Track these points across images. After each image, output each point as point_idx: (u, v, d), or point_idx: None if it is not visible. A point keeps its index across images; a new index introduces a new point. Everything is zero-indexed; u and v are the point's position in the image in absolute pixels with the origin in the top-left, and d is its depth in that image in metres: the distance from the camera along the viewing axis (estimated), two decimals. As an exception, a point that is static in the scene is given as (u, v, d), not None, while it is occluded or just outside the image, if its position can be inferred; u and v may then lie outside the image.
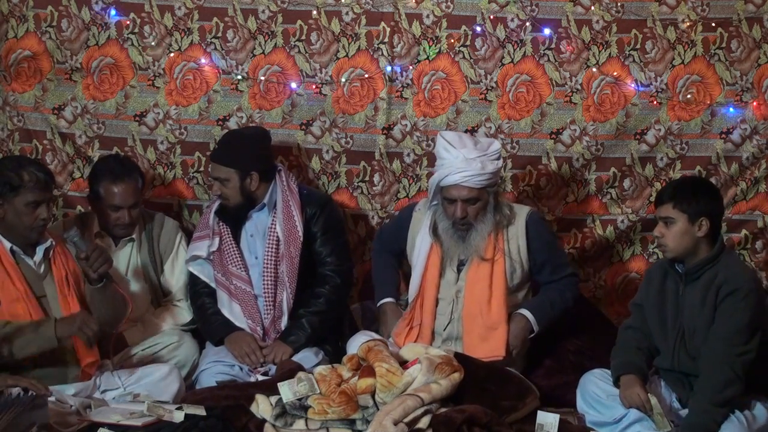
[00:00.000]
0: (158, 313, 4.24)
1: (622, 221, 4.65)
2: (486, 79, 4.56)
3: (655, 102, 4.55)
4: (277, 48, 4.57)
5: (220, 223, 4.19)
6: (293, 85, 4.56)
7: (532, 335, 3.99)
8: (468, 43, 4.54)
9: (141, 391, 3.67)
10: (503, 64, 4.55)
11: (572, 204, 4.66)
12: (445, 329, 3.99)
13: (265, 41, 4.57)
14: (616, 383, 3.65)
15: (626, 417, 3.55)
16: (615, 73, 4.52)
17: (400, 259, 4.26)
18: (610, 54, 4.53)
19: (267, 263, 4.13)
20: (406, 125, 4.59)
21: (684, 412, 3.59)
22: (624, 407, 3.56)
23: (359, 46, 4.55)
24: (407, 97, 4.58)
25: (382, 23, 4.53)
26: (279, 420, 3.47)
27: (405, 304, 4.19)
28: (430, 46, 4.53)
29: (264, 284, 4.14)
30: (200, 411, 3.40)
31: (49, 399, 3.34)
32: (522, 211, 4.05)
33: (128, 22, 4.55)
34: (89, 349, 3.63)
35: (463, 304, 3.96)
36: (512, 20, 4.53)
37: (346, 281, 4.23)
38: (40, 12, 4.57)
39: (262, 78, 4.56)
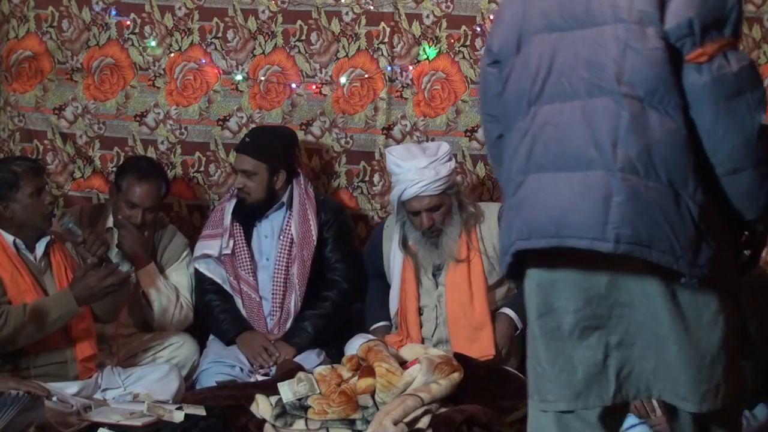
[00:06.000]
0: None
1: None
2: (486, 79, 4.56)
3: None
4: (277, 48, 4.57)
5: (235, 224, 4.17)
6: (293, 85, 4.56)
7: (518, 332, 4.00)
8: (468, 43, 4.54)
9: (140, 390, 3.67)
10: (503, 64, 4.55)
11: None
12: (432, 335, 3.99)
13: (265, 41, 4.57)
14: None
15: (625, 420, 3.54)
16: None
17: (385, 279, 4.22)
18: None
19: (278, 264, 4.13)
20: (406, 125, 4.59)
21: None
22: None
23: (359, 46, 4.55)
24: (407, 97, 4.58)
25: (382, 23, 4.53)
26: (279, 420, 3.47)
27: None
28: (430, 46, 4.54)
29: (273, 285, 4.13)
30: (200, 411, 3.41)
31: (52, 399, 3.35)
32: (494, 209, 4.05)
33: (129, 23, 4.56)
34: (86, 344, 3.64)
35: (446, 308, 3.96)
36: (512, 20, 4.52)
37: (353, 287, 4.23)
38: (41, 12, 4.58)
39: (262, 78, 4.57)
